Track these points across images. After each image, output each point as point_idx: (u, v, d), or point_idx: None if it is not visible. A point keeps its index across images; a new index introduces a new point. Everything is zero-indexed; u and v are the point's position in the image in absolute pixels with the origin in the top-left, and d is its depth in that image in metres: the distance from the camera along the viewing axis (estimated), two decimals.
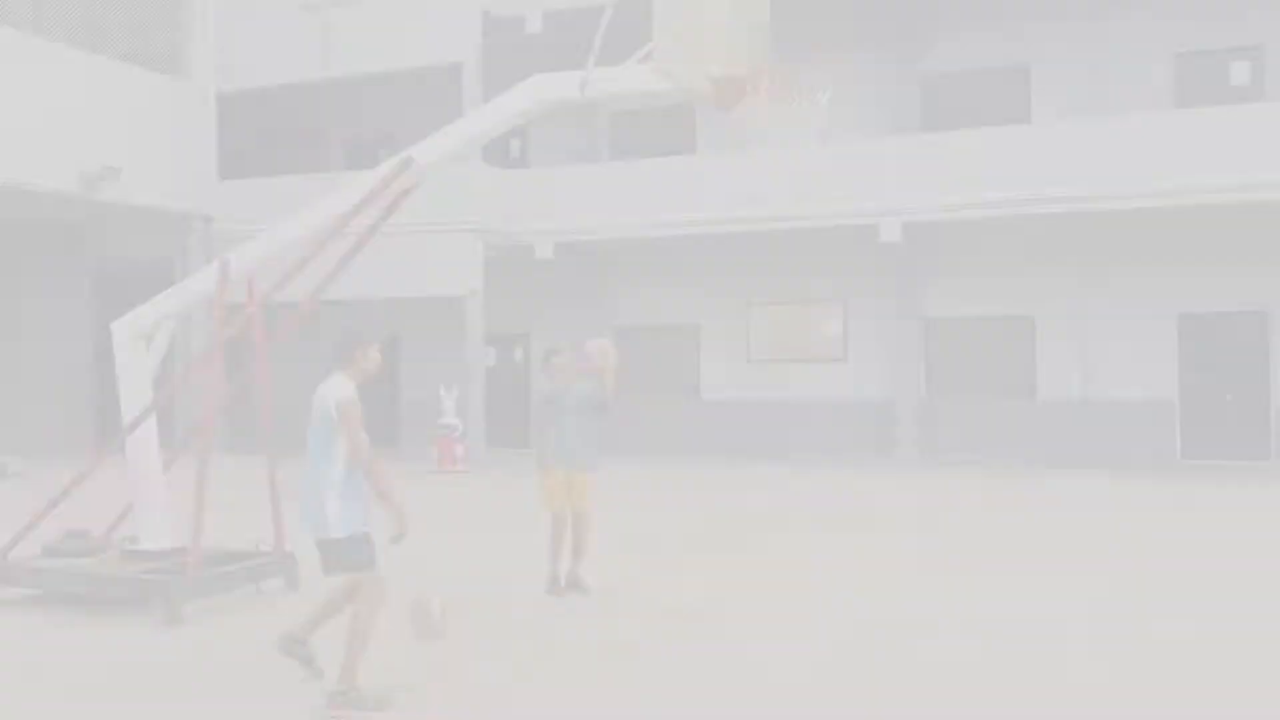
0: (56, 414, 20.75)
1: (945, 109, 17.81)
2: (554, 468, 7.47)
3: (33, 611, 7.20)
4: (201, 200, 18.57)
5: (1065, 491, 13.67)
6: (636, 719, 5.07)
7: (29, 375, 20.75)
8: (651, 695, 5.34)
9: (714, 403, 18.98)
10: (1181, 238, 16.28)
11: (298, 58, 18.52)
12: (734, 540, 10.08)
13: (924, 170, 16.13)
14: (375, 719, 4.94)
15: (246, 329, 7.87)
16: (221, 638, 6.43)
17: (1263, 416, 16.09)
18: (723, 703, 5.22)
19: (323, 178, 18.36)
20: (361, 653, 5.03)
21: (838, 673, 5.75)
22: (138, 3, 17.87)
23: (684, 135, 19.04)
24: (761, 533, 10.50)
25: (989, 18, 17.46)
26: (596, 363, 7.41)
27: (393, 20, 17.93)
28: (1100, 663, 5.85)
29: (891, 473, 16.41)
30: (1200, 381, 16.42)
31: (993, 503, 12.76)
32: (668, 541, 9.88)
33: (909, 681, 5.53)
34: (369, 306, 17.15)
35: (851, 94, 16.57)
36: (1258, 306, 16.11)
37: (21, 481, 14.79)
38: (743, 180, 16.48)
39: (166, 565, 7.27)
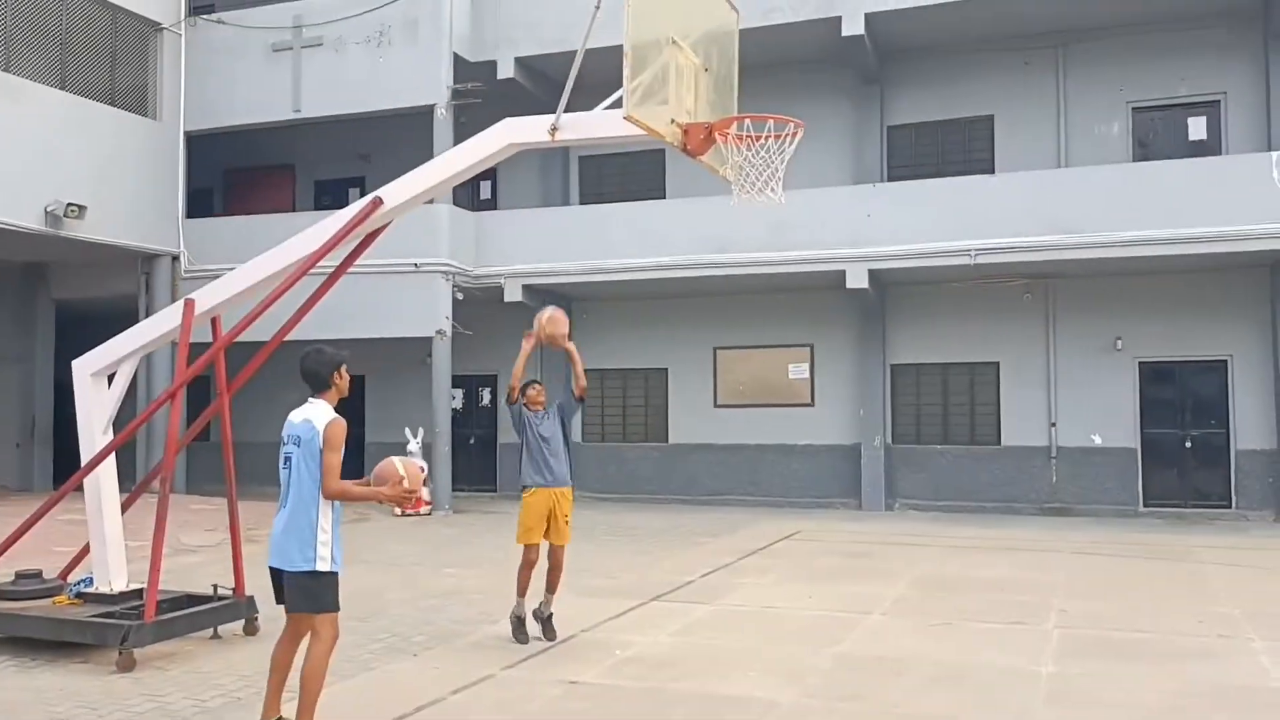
0: (15, 452, 20.37)
1: (910, 157, 18.10)
2: (536, 488, 7.36)
3: None
4: (167, 239, 18.44)
5: (1029, 539, 13.74)
6: None
7: None
8: None
9: (682, 446, 18.97)
10: (1143, 287, 16.56)
11: (268, 99, 18.52)
12: (703, 587, 10.03)
13: (890, 217, 16.33)
14: None
15: (210, 369, 7.80)
16: (177, 684, 6.30)
17: (1223, 464, 16.30)
18: None
19: (291, 217, 18.34)
20: (318, 694, 4.95)
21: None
22: (108, 41, 17.83)
23: (653, 179, 19.20)
24: (728, 579, 10.47)
25: (953, 69, 17.80)
26: (548, 331, 7.37)
27: (364, 64, 18.00)
28: (1063, 710, 5.86)
29: (857, 518, 16.44)
30: (1162, 429, 16.62)
31: (956, 549, 12.79)
32: (632, 588, 9.81)
33: None
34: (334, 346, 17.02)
35: (818, 142, 16.76)
36: (1218, 355, 16.37)
37: None
38: (711, 225, 16.61)
39: (122, 608, 7.13)
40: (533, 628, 7.44)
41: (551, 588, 7.48)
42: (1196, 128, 16.77)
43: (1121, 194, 15.36)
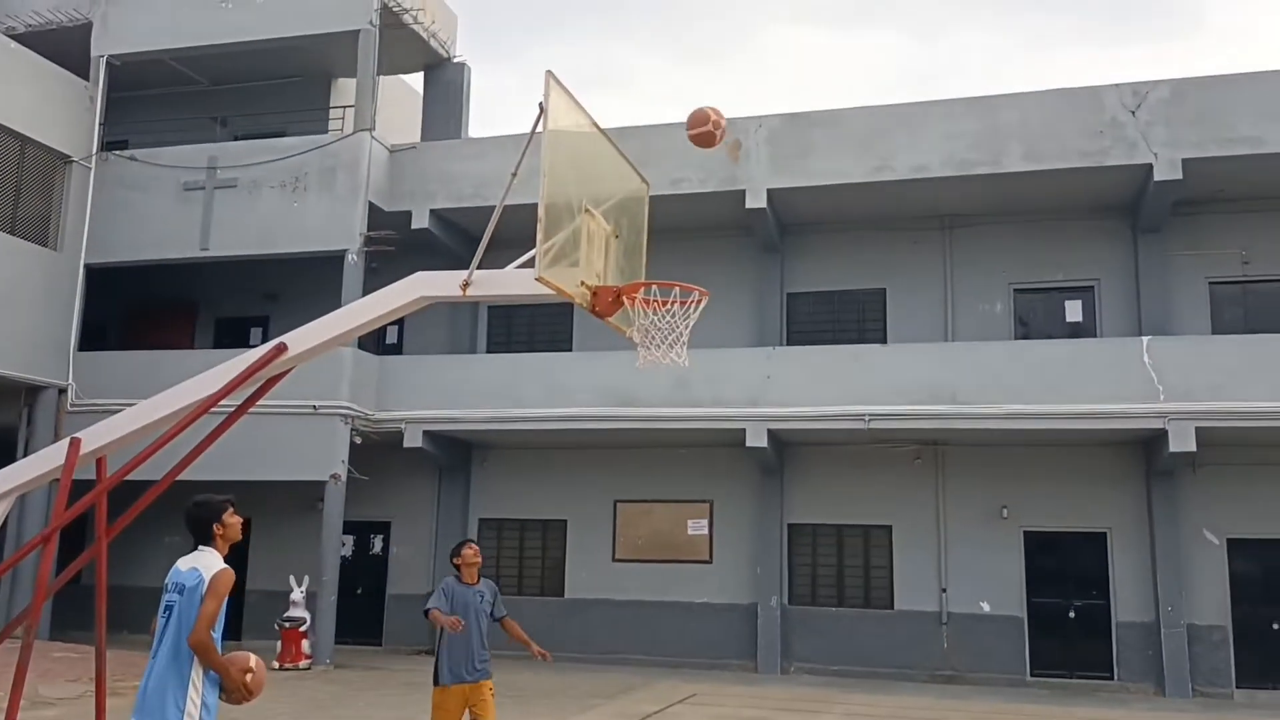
0: None
1: (808, 323, 18.77)
2: (454, 685, 7.02)
3: None
4: (56, 371, 17.88)
5: (922, 707, 13.73)
6: None
7: None
8: None
9: (579, 601, 18.63)
10: (1027, 458, 17.19)
11: (176, 236, 18.41)
12: None
13: (789, 380, 16.80)
14: None
15: (90, 510, 7.49)
16: None
17: (1105, 635, 16.65)
18: None
19: (189, 355, 18.05)
20: None
21: None
22: (13, 170, 17.64)
23: (561, 330, 19.48)
24: None
25: (849, 244, 18.69)
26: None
27: (277, 207, 18.11)
28: None
29: (753, 681, 16.25)
30: (1047, 599, 16.97)
31: (851, 718, 12.70)
32: None
33: None
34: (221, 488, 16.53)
35: (722, 304, 17.28)
36: (1097, 527, 16.94)
37: None
38: (615, 378, 16.83)
39: None
40: None
41: None
42: (1073, 310, 17.83)
43: (1004, 369, 16.12)
